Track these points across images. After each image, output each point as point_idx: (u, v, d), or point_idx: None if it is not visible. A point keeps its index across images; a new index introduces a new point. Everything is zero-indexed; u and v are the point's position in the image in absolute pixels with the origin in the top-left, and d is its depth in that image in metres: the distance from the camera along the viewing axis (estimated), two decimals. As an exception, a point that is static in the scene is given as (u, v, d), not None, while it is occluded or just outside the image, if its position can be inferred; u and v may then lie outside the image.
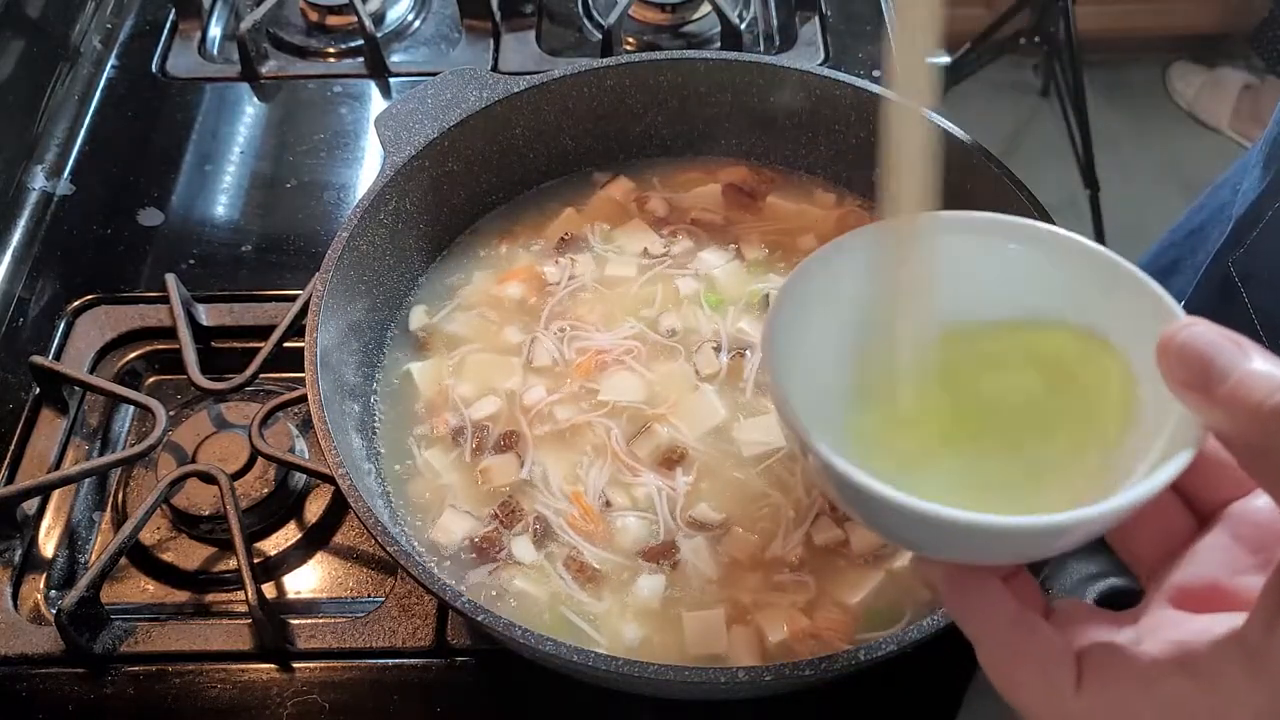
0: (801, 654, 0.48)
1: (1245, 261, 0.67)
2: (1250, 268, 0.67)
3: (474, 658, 0.53)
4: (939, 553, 0.31)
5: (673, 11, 0.87)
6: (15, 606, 0.56)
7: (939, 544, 0.31)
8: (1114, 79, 2.11)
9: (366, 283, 0.57)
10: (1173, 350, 0.26)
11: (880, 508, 0.29)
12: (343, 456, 0.46)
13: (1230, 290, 0.68)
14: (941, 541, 0.30)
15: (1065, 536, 0.29)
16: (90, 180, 0.77)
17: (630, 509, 0.52)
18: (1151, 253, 0.83)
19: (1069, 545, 0.30)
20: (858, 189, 0.65)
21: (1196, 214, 0.79)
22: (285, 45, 0.87)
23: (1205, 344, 0.26)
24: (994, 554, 0.30)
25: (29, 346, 0.66)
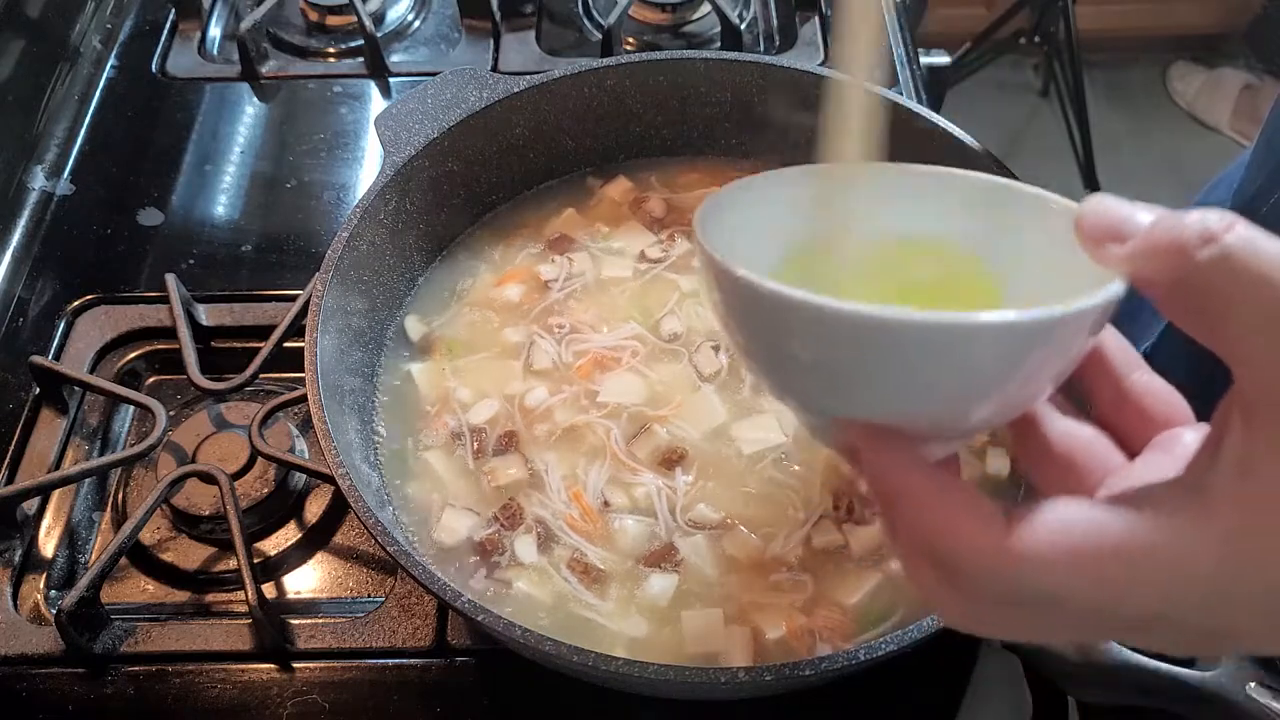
0: (800, 653, 0.48)
1: None
2: None
3: (474, 658, 0.53)
4: (859, 401, 0.27)
5: (673, 11, 0.87)
6: (15, 606, 0.56)
7: (864, 382, 0.27)
8: (1114, 79, 2.11)
9: (366, 283, 0.57)
10: (1089, 214, 0.26)
11: (808, 328, 0.26)
12: (343, 456, 0.46)
13: None
14: (869, 378, 0.26)
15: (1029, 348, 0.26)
16: (90, 180, 0.77)
17: (629, 510, 0.52)
18: None
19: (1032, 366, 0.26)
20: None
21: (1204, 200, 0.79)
22: (285, 45, 0.87)
23: (1118, 202, 0.26)
24: (926, 387, 0.26)
25: (29, 346, 0.66)
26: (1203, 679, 0.41)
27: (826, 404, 0.29)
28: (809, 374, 0.28)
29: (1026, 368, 0.26)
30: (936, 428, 0.28)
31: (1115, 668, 0.42)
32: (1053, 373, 0.28)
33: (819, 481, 0.53)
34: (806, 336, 0.27)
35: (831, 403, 0.28)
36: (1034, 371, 0.27)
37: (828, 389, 0.28)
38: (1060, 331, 0.26)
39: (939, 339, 0.25)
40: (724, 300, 0.29)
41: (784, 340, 0.28)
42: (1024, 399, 0.29)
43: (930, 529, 0.25)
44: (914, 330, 0.25)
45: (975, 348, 0.25)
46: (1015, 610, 0.26)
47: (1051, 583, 0.24)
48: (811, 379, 0.28)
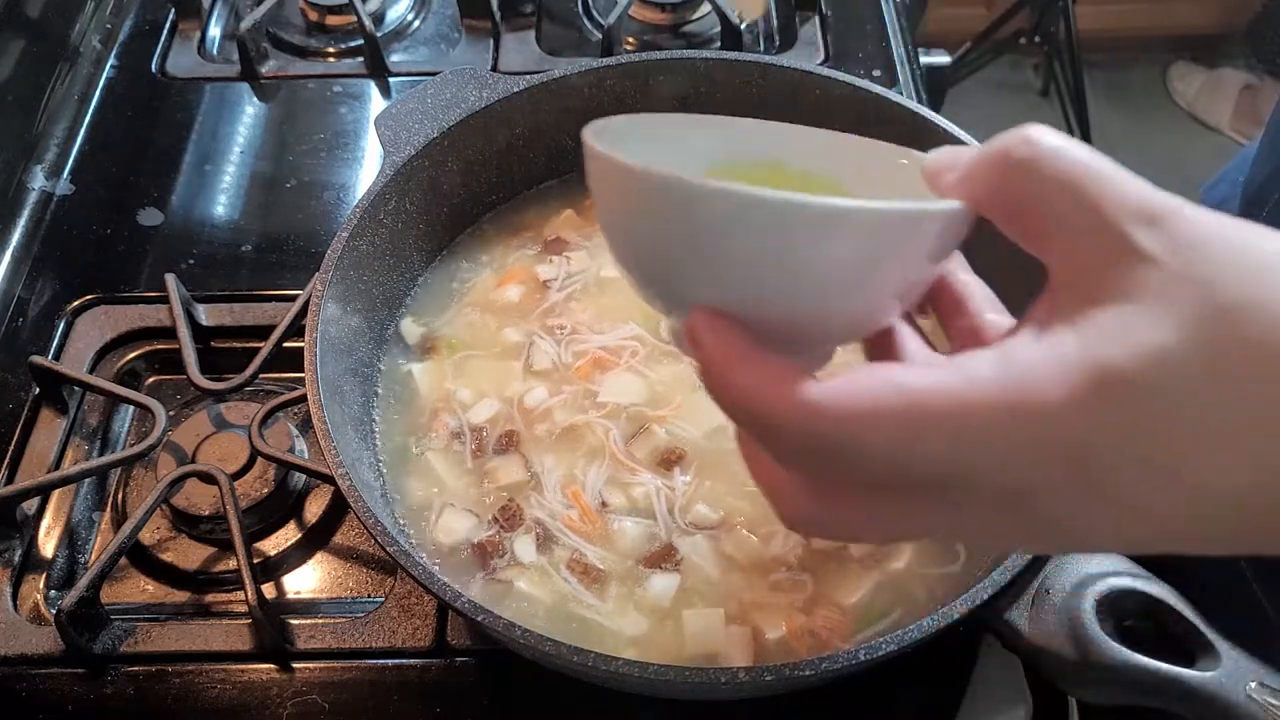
0: (800, 653, 0.48)
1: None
2: None
3: (474, 658, 0.53)
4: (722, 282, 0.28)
5: (673, 11, 0.87)
6: (15, 607, 0.56)
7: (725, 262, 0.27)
8: (1114, 79, 2.11)
9: (366, 283, 0.57)
10: (932, 156, 0.30)
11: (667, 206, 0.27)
12: (342, 456, 0.46)
13: None
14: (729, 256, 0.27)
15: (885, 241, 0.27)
16: (90, 180, 0.77)
17: (628, 511, 0.52)
18: None
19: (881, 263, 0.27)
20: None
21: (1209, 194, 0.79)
22: (285, 45, 0.87)
23: (956, 147, 0.30)
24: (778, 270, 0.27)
25: (29, 346, 0.66)
26: (1203, 679, 0.41)
27: (685, 290, 0.29)
28: (675, 258, 0.29)
29: (867, 262, 0.27)
30: (785, 327, 0.29)
31: (1115, 668, 0.42)
32: (897, 281, 0.29)
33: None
34: (678, 216, 0.28)
35: (690, 287, 0.29)
36: (875, 270, 0.28)
37: (690, 272, 0.29)
38: (896, 230, 0.27)
39: (788, 216, 0.26)
40: (605, 194, 0.30)
41: (658, 222, 0.28)
42: (870, 305, 0.29)
43: (743, 389, 0.27)
44: (770, 207, 0.26)
45: (819, 228, 0.26)
46: (821, 467, 0.27)
47: (849, 433, 0.25)
48: (676, 263, 0.29)
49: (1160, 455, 0.24)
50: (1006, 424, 0.24)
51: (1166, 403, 0.23)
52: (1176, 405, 0.23)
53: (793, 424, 0.26)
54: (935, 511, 0.27)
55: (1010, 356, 0.25)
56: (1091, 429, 0.24)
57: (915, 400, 0.25)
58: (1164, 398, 0.23)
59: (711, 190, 0.26)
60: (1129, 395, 0.23)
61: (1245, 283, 0.23)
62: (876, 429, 0.25)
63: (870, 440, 0.25)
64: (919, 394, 0.25)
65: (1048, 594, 0.44)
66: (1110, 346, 0.24)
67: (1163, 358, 0.23)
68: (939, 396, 0.24)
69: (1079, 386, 0.23)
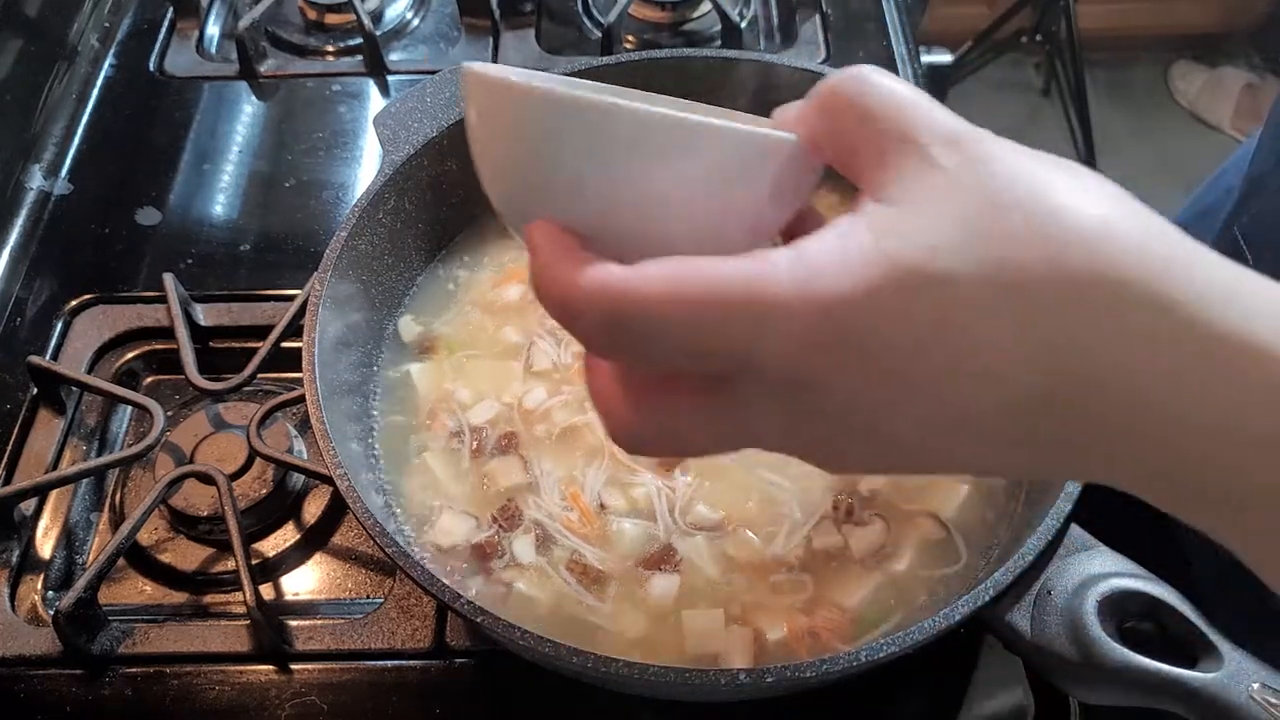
0: (800, 654, 0.48)
1: (1251, 228, 0.67)
2: (1255, 234, 0.67)
3: (473, 659, 0.53)
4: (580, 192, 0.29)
5: (673, 10, 0.87)
6: (12, 607, 0.55)
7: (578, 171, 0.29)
8: (1115, 78, 2.11)
9: (365, 282, 0.57)
10: (779, 109, 0.33)
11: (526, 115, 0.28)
12: (341, 457, 0.46)
13: (1237, 255, 0.68)
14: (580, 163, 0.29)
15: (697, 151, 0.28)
16: (88, 179, 0.77)
17: (627, 512, 0.52)
18: None
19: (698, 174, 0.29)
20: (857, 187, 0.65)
21: (1203, 197, 0.79)
22: (283, 44, 0.87)
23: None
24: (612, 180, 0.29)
25: (27, 346, 0.66)
26: (1205, 680, 0.41)
27: (538, 207, 0.30)
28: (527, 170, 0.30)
29: (704, 179, 0.29)
30: (636, 252, 0.29)
31: (1117, 669, 0.42)
32: (739, 209, 0.30)
33: (819, 482, 0.53)
34: (536, 126, 0.29)
35: (541, 203, 0.30)
36: (713, 191, 0.29)
37: (541, 183, 0.30)
38: (728, 148, 0.29)
39: (621, 121, 0.28)
40: (475, 110, 0.31)
41: (519, 133, 0.30)
42: (712, 233, 0.30)
43: (555, 279, 0.28)
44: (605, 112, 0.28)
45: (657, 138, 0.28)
46: (628, 353, 0.28)
47: (650, 315, 0.26)
48: (528, 174, 0.30)
49: (946, 344, 0.25)
50: (798, 311, 0.25)
51: (950, 293, 0.25)
52: (957, 297, 0.25)
53: (597, 305, 0.27)
54: (741, 406, 0.28)
55: (805, 249, 0.26)
56: (882, 316, 0.25)
57: (713, 285, 0.26)
58: (947, 288, 0.25)
59: (567, 98, 0.28)
60: (916, 285, 0.25)
61: (1018, 189, 0.26)
62: (675, 311, 0.26)
63: (670, 321, 0.26)
64: (718, 279, 0.26)
65: (1049, 595, 0.44)
66: (899, 240, 0.25)
67: (944, 251, 0.25)
68: (736, 283, 0.26)
69: (867, 278, 0.25)
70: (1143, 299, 0.24)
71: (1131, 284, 0.24)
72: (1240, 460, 0.24)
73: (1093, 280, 0.24)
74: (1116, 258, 0.25)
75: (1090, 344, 0.25)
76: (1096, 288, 0.24)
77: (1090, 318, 0.25)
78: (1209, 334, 0.24)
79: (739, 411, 0.28)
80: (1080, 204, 0.26)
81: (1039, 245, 0.25)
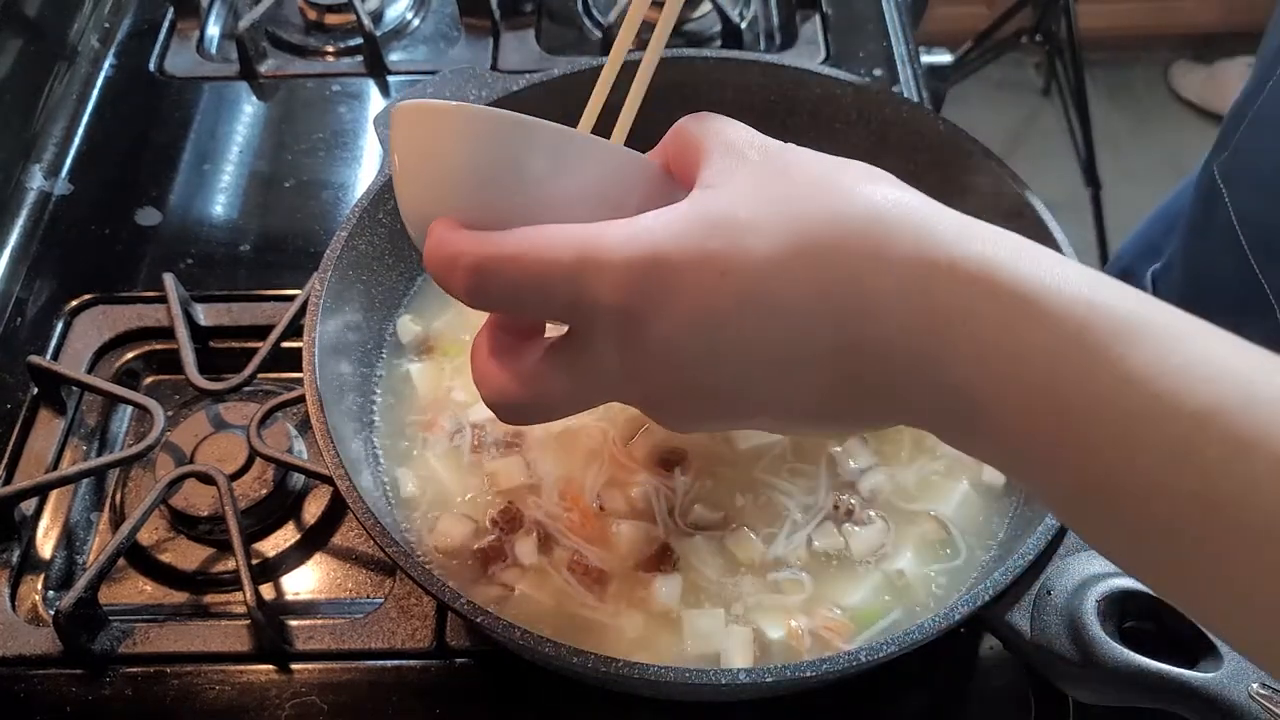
0: (801, 653, 0.48)
1: (1229, 163, 0.68)
2: (1233, 169, 0.67)
3: (473, 659, 0.53)
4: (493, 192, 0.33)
5: (673, 10, 0.86)
6: (13, 607, 0.55)
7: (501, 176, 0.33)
8: (1116, 77, 2.11)
9: (365, 282, 0.57)
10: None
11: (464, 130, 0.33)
12: (341, 457, 0.46)
13: (1214, 194, 0.69)
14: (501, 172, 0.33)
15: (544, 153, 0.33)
16: (88, 180, 0.77)
17: (627, 513, 0.52)
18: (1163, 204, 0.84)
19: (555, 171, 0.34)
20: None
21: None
22: (284, 44, 0.87)
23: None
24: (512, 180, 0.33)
25: (27, 346, 0.66)
26: (1205, 680, 0.41)
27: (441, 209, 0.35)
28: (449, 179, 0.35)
29: (584, 185, 0.34)
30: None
31: (1117, 669, 0.42)
32: (605, 210, 0.34)
33: (819, 482, 0.53)
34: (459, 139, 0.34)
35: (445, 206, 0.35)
36: (586, 192, 0.34)
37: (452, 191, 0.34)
38: (607, 160, 0.35)
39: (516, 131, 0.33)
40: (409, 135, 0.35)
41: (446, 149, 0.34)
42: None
43: (436, 245, 0.33)
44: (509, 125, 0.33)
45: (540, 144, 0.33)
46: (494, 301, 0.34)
47: (505, 264, 0.32)
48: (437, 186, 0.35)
49: (750, 289, 0.30)
50: (619, 256, 0.30)
51: (751, 243, 0.30)
52: (758, 248, 0.30)
53: (466, 260, 0.32)
54: (585, 351, 0.33)
55: (636, 219, 0.32)
56: (689, 259, 0.30)
57: (554, 238, 0.31)
58: (749, 238, 0.30)
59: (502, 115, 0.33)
60: (722, 235, 0.30)
61: (811, 170, 0.32)
62: (525, 259, 0.31)
63: (521, 268, 0.31)
64: (559, 234, 0.31)
65: (1049, 595, 0.44)
66: (710, 203, 0.31)
67: (745, 209, 0.31)
68: (574, 236, 0.31)
69: (680, 229, 0.31)
70: (905, 240, 0.29)
71: (897, 229, 0.30)
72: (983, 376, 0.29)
73: (865, 230, 0.30)
74: (886, 211, 0.30)
75: (866, 284, 0.29)
76: (868, 236, 0.29)
77: (864, 261, 0.29)
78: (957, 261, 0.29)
79: (584, 356, 0.33)
80: (864, 183, 0.31)
81: (823, 202, 0.30)
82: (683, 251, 0.30)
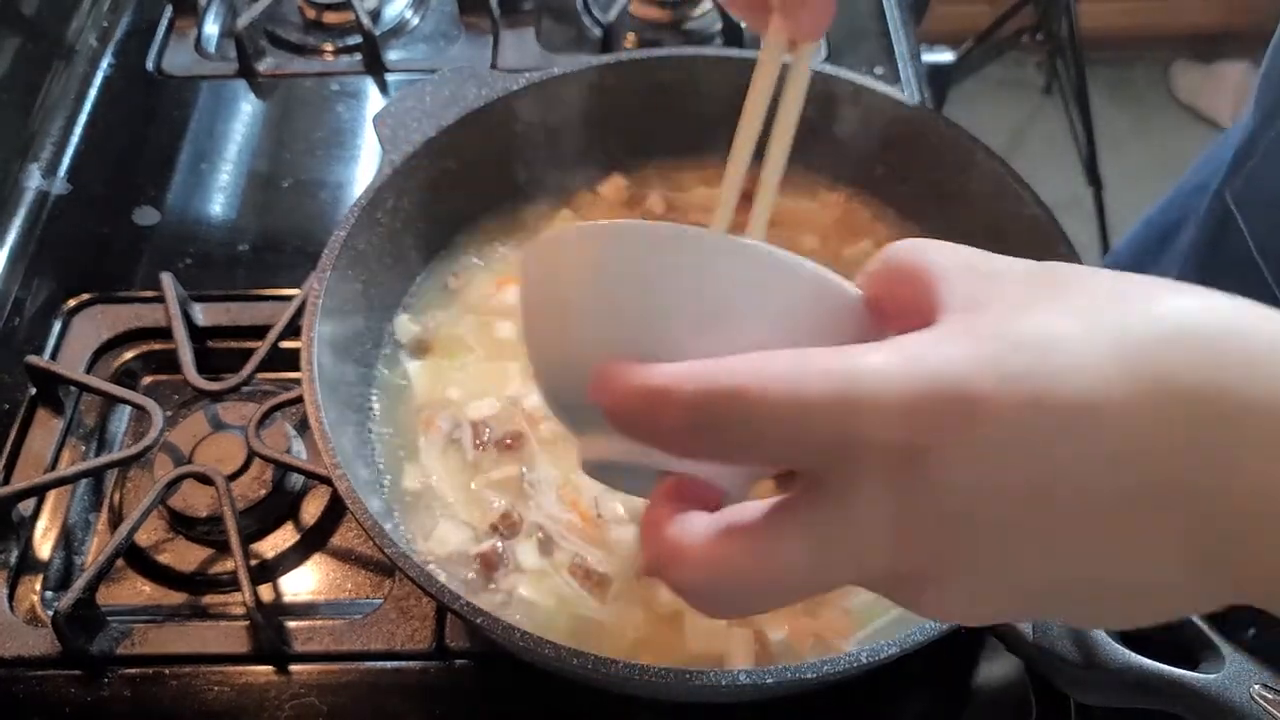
0: (802, 655, 0.48)
1: (1242, 190, 0.67)
2: (1247, 195, 0.67)
3: (473, 661, 0.53)
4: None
5: (673, 8, 0.86)
6: (11, 608, 0.55)
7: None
8: (1117, 77, 2.11)
9: (364, 282, 0.57)
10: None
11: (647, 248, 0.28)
12: (340, 457, 0.46)
13: (1227, 219, 0.68)
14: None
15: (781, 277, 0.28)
16: (86, 179, 0.76)
17: (627, 514, 0.52)
18: (1159, 207, 0.83)
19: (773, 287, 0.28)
20: (860, 187, 0.65)
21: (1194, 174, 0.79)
22: (282, 42, 0.87)
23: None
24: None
25: (25, 346, 0.65)
26: (1206, 681, 0.41)
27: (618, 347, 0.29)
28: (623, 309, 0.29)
29: (767, 313, 0.28)
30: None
31: (1118, 670, 0.42)
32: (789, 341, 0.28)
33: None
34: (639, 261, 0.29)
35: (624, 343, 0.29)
36: (771, 322, 0.28)
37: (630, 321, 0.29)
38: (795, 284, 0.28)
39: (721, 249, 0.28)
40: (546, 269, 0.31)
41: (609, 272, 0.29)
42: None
43: (627, 386, 0.26)
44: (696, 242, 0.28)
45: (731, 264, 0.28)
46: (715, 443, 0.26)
47: (739, 395, 0.25)
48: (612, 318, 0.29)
49: (1072, 421, 0.23)
50: (898, 377, 0.24)
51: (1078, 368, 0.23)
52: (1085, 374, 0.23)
53: (682, 395, 0.25)
54: (840, 505, 0.25)
55: (897, 339, 0.25)
56: (994, 384, 0.23)
57: (803, 363, 0.24)
58: (1075, 362, 0.23)
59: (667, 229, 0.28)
60: (1037, 361, 0.23)
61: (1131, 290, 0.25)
62: (768, 389, 0.24)
63: (764, 400, 0.24)
64: (806, 358, 0.24)
65: (1051, 596, 0.44)
66: (1012, 322, 0.24)
67: (1065, 335, 0.24)
68: (829, 359, 0.24)
69: (979, 350, 0.24)
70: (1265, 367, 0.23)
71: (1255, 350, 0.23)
72: None
73: (1218, 350, 0.23)
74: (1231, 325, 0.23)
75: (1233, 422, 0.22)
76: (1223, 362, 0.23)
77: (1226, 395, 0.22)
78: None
79: (839, 514, 0.25)
80: (1174, 294, 0.24)
81: (1145, 313, 0.23)
82: (979, 375, 0.23)
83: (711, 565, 0.26)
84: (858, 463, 0.24)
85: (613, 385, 0.26)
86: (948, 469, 0.23)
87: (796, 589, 0.26)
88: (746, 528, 0.26)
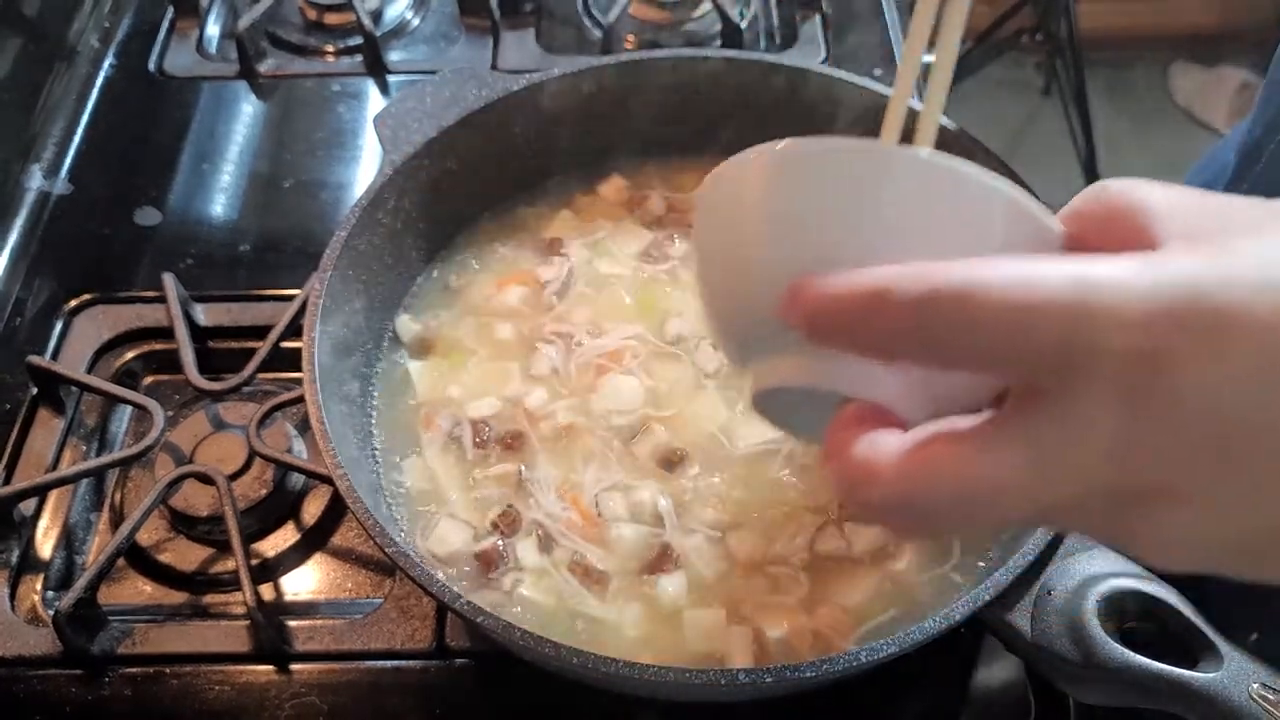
0: (802, 653, 0.48)
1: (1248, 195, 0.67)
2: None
3: (473, 660, 0.53)
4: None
5: (673, 10, 0.86)
6: (12, 608, 0.55)
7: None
8: (1116, 78, 2.11)
9: (364, 282, 0.57)
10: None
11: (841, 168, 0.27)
12: (341, 457, 0.46)
13: None
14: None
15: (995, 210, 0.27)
16: (88, 179, 0.77)
17: (627, 513, 0.52)
18: None
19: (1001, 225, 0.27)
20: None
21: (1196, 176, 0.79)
22: (283, 43, 0.87)
23: None
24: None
25: (26, 346, 0.66)
26: (1205, 681, 0.41)
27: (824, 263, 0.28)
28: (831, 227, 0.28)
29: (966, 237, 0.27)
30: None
31: (1117, 669, 0.42)
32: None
33: (821, 480, 0.53)
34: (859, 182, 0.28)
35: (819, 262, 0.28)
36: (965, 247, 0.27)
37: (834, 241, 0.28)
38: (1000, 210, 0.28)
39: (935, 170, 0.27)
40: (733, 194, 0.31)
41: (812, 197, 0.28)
42: None
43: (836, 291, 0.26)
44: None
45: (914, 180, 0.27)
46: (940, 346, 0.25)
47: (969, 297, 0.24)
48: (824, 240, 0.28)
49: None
50: (1137, 281, 0.22)
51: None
52: None
53: (912, 292, 0.24)
54: (1059, 420, 0.23)
55: (1144, 257, 0.23)
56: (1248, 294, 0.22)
57: (1033, 268, 0.23)
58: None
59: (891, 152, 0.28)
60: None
61: None
62: (995, 291, 0.23)
63: (991, 303, 0.23)
64: (1035, 264, 0.23)
65: (1049, 595, 0.44)
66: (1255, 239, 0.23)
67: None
68: (1064, 264, 0.23)
69: (1225, 260, 0.23)
70: None
71: None
72: None
73: None
74: None
75: None
76: None
77: None
78: None
79: (1066, 423, 0.23)
80: None
81: None
82: (1230, 285, 0.22)
83: (913, 477, 0.25)
84: (1089, 370, 0.22)
85: (816, 293, 0.25)
86: (1197, 383, 0.22)
87: (1010, 505, 0.24)
88: (958, 435, 0.24)
